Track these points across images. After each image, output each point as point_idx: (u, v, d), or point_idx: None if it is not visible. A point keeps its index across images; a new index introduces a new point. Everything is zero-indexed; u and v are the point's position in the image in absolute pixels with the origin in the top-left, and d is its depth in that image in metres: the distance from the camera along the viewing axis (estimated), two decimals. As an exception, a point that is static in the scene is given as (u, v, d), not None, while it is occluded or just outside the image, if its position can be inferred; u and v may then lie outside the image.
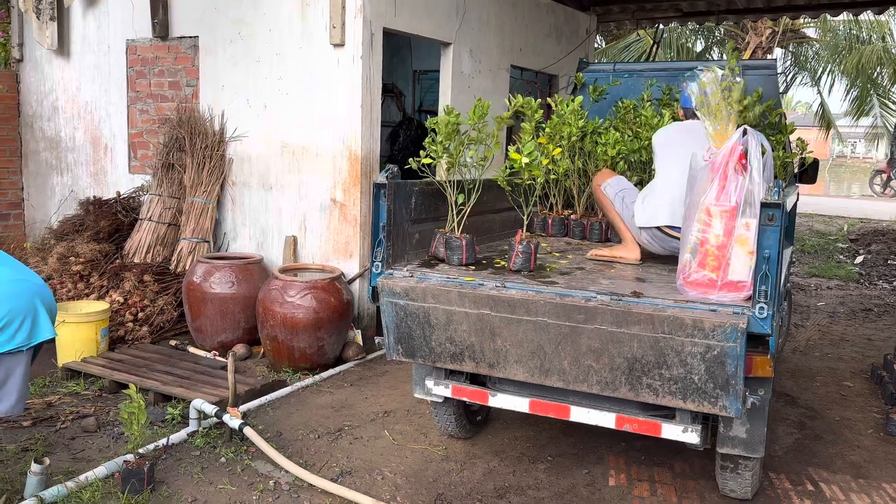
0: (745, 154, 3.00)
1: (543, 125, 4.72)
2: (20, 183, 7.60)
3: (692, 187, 3.17)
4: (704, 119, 3.18)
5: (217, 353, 5.48)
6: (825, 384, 5.43)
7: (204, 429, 4.15)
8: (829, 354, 6.23)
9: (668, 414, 3.22)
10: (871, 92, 18.37)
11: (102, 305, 5.42)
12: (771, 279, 2.78)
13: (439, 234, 3.64)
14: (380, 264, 3.44)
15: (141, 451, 3.77)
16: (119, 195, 6.70)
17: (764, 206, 2.76)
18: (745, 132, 3.03)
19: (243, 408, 4.43)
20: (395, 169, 3.50)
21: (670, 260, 4.02)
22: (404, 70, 9.82)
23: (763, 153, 3.04)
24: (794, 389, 5.26)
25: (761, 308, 2.78)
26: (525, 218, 3.71)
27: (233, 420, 4.00)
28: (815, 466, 4.04)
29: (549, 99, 4.96)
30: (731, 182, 2.96)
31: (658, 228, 3.83)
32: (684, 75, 3.54)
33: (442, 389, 3.55)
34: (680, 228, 3.75)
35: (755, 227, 2.89)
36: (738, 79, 3.16)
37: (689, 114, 4.12)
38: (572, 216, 4.93)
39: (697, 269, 3.02)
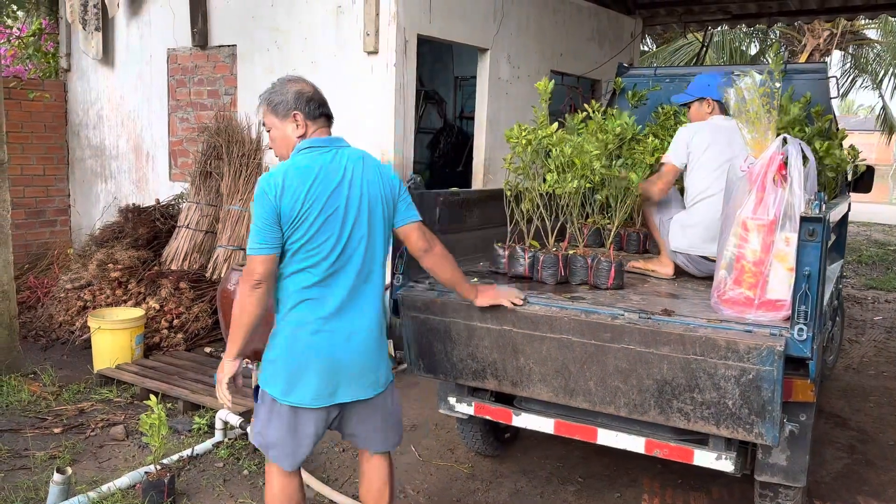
0: (784, 164, 2.82)
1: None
2: (67, 190, 7.77)
3: (728, 199, 3.00)
4: (742, 127, 2.99)
5: (250, 361, 5.46)
6: (879, 405, 5.13)
7: (229, 440, 4.12)
8: (884, 373, 5.90)
9: (702, 439, 3.04)
10: (937, 95, 17.63)
11: (138, 312, 5.46)
12: (811, 298, 2.58)
13: (584, 256, 3.41)
14: (401, 277, 3.35)
15: (165, 461, 3.76)
16: (158, 202, 6.77)
17: (804, 220, 2.57)
18: (785, 141, 2.84)
19: (270, 419, 4.38)
20: (419, 179, 3.40)
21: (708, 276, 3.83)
22: (446, 76, 9.75)
23: (805, 163, 2.85)
24: (844, 410, 4.98)
25: (800, 329, 2.59)
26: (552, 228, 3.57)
27: (256, 432, 3.95)
28: (865, 495, 3.79)
29: (586, 105, 4.81)
30: (770, 194, 2.77)
31: (699, 255, 3.66)
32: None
33: (464, 407, 3.43)
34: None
35: (796, 241, 2.70)
36: (777, 84, 2.97)
37: (721, 108, 3.89)
38: (608, 225, 4.76)
39: (733, 287, 2.84)
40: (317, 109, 2.57)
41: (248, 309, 2.46)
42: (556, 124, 3.50)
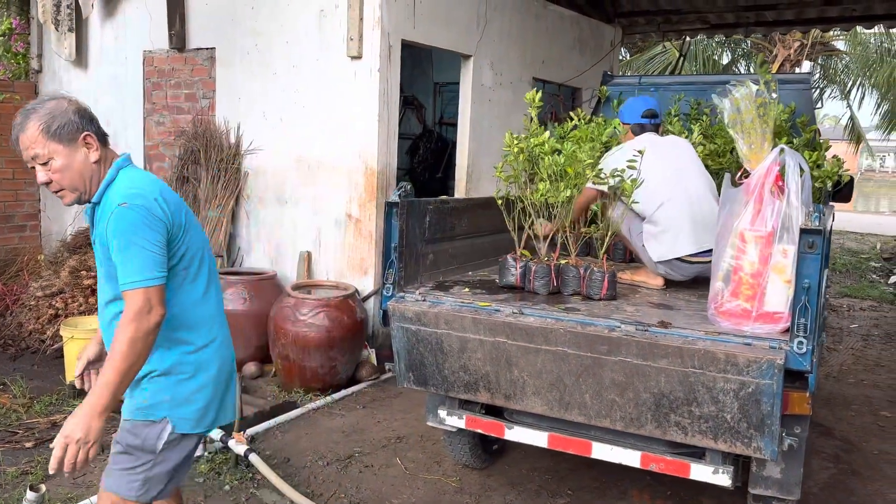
0: (781, 175, 2.80)
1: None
2: (37, 194, 7.54)
3: (724, 210, 2.97)
4: (738, 138, 2.97)
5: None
6: (861, 414, 5.16)
7: (209, 454, 3.99)
8: (864, 381, 5.95)
9: (698, 452, 3.00)
10: (903, 105, 18.02)
11: (112, 321, 5.30)
12: (811, 311, 2.56)
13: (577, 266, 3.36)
14: (391, 287, 3.27)
15: (142, 477, 3.63)
16: (133, 208, 6.60)
17: (804, 232, 2.55)
18: (781, 151, 2.82)
19: (251, 431, 4.28)
20: (409, 187, 3.34)
21: (698, 285, 3.81)
22: (425, 82, 9.70)
23: (801, 174, 2.83)
24: (828, 419, 5.00)
25: (800, 343, 2.57)
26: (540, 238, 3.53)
27: (238, 446, 3.85)
28: (853, 506, 3.80)
29: (571, 113, 4.78)
30: (768, 205, 2.76)
31: (677, 259, 3.63)
32: (716, 90, 3.34)
33: (455, 420, 3.36)
34: (698, 253, 3.56)
35: (793, 254, 2.68)
36: (773, 95, 2.96)
37: (636, 129, 3.97)
38: (597, 234, 4.73)
39: (730, 299, 2.81)
40: (101, 127, 2.24)
41: (145, 353, 2.08)
42: (547, 133, 3.46)
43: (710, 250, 3.47)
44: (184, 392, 2.26)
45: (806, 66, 18.12)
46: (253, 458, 3.77)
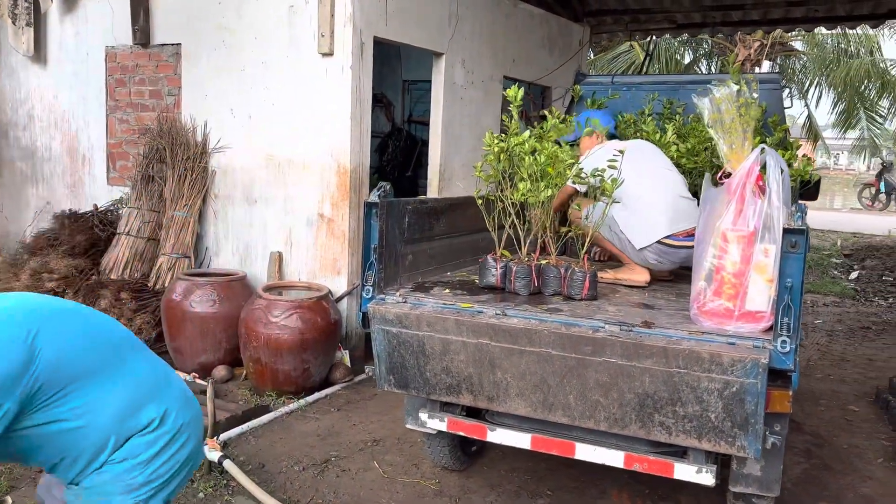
0: (762, 175, 2.82)
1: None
2: (-6, 194, 7.31)
3: (705, 210, 2.98)
4: (718, 138, 2.98)
5: (197, 375, 5.22)
6: (829, 408, 5.25)
7: (181, 460, 3.89)
8: (830, 376, 6.06)
9: (680, 451, 3.01)
10: (858, 105, 18.44)
11: (76, 325, 5.15)
12: (794, 310, 2.58)
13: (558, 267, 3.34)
14: (371, 288, 3.22)
15: (113, 486, 3.52)
16: (96, 208, 6.43)
17: (787, 231, 2.57)
18: (762, 151, 2.84)
19: (224, 436, 4.18)
20: (388, 187, 3.28)
21: (678, 284, 3.84)
22: (394, 80, 9.62)
23: (781, 174, 2.85)
24: (798, 414, 5.07)
25: (783, 342, 2.59)
26: (526, 237, 3.50)
27: (212, 452, 3.75)
28: (827, 500, 3.85)
29: (544, 111, 4.77)
30: (749, 205, 2.77)
31: (659, 243, 3.64)
32: (690, 89, 3.36)
33: (437, 423, 3.32)
34: (680, 237, 3.59)
35: (774, 253, 2.70)
36: (754, 94, 2.97)
37: (608, 136, 4.16)
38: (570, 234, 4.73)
39: (713, 298, 2.82)
40: None
41: None
42: (527, 132, 3.44)
43: (693, 234, 3.54)
44: (142, 474, 2.02)
45: (766, 65, 18.48)
46: (227, 464, 3.68)
